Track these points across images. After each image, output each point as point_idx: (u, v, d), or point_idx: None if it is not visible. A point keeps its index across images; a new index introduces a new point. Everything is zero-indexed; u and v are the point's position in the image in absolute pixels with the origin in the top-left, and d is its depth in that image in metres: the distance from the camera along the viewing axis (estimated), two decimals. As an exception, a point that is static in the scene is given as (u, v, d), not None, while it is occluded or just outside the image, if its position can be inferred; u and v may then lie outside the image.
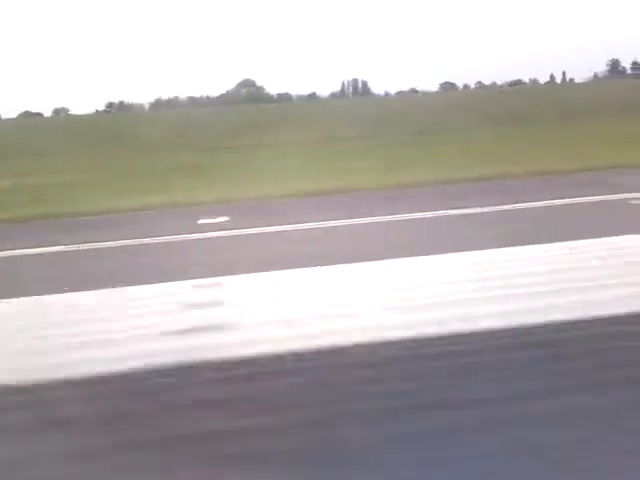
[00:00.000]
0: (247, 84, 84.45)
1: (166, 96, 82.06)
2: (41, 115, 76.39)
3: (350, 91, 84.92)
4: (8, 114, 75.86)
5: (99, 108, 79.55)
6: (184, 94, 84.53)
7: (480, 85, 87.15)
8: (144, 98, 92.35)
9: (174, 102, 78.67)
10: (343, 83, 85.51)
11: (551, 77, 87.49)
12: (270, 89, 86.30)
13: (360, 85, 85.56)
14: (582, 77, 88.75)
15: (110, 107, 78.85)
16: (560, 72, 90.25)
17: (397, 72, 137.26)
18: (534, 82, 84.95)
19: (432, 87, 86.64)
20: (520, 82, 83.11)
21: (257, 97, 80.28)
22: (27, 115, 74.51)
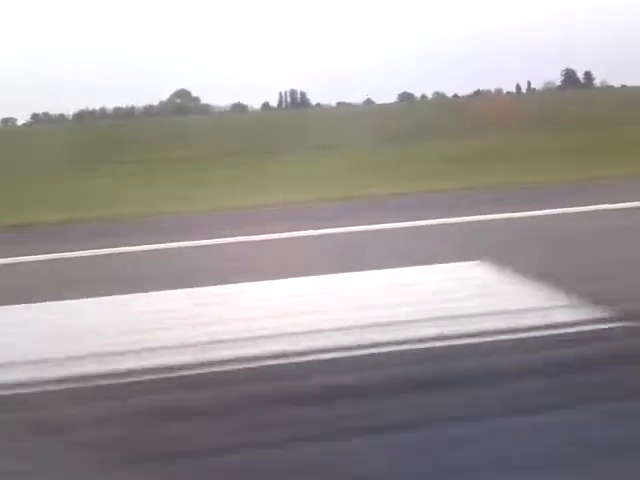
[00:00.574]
0: (181, 95, 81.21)
1: (92, 107, 78.18)
2: None
3: (287, 102, 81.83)
4: None
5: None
6: (111, 105, 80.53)
7: (438, 95, 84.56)
8: (68, 109, 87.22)
9: (100, 113, 75.25)
10: (280, 94, 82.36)
11: (517, 87, 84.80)
12: (207, 100, 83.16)
13: (299, 96, 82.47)
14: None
15: (35, 118, 75.27)
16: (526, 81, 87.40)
17: (351, 83, 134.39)
18: (498, 92, 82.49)
19: (390, 98, 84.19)
20: (479, 92, 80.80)
21: (191, 108, 77.33)
22: None
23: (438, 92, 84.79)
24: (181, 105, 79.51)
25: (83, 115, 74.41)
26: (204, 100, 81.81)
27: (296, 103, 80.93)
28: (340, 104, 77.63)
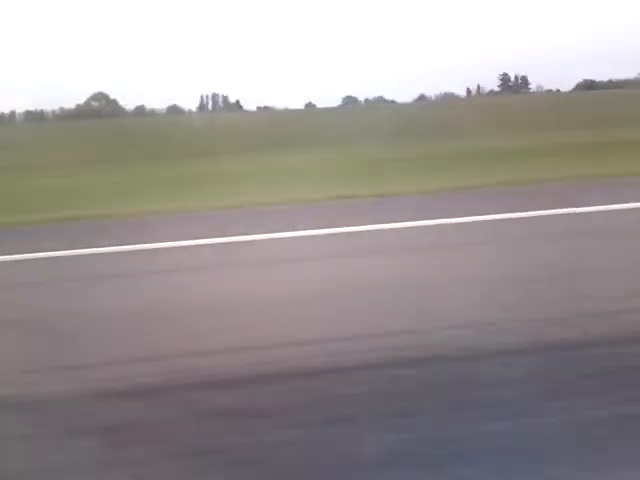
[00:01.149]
0: (99, 97, 79.46)
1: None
2: None
3: (209, 105, 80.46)
4: None
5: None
6: (22, 108, 78.35)
7: (380, 100, 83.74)
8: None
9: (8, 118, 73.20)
10: (202, 97, 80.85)
11: (468, 91, 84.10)
12: (126, 103, 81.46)
13: (221, 99, 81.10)
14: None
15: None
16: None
17: (297, 86, 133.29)
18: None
19: (335, 102, 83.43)
20: (424, 97, 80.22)
21: (109, 111, 75.71)
22: None
23: (382, 97, 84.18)
24: (99, 108, 77.87)
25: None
26: (128, 104, 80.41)
27: (217, 106, 79.69)
28: (264, 108, 76.80)
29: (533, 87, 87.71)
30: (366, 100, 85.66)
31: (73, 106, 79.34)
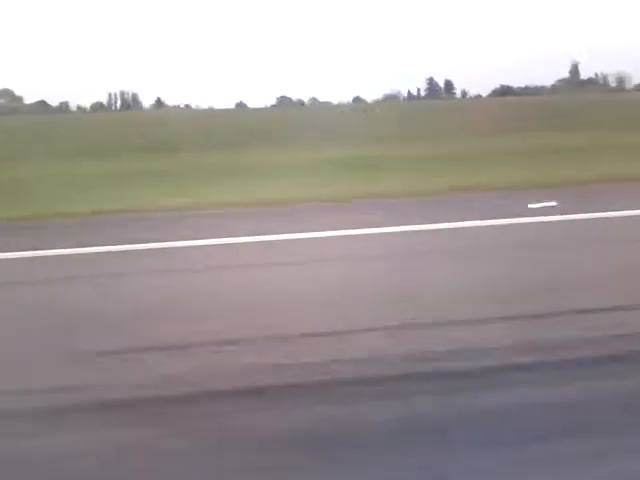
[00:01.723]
0: (3, 94, 76.44)
1: None
2: None
3: (117, 103, 78.09)
4: None
5: None
6: None
7: (314, 101, 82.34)
8: None
9: None
10: (109, 95, 78.34)
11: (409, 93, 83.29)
12: (30, 99, 78.13)
13: (130, 97, 78.77)
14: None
15: None
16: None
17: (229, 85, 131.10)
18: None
19: (270, 101, 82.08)
20: (359, 99, 79.05)
21: (14, 109, 72.66)
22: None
23: (315, 98, 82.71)
24: (3, 105, 74.89)
25: None
26: (32, 100, 77.34)
27: (126, 104, 77.36)
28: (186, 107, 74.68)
29: (458, 92, 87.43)
30: (299, 100, 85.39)
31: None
